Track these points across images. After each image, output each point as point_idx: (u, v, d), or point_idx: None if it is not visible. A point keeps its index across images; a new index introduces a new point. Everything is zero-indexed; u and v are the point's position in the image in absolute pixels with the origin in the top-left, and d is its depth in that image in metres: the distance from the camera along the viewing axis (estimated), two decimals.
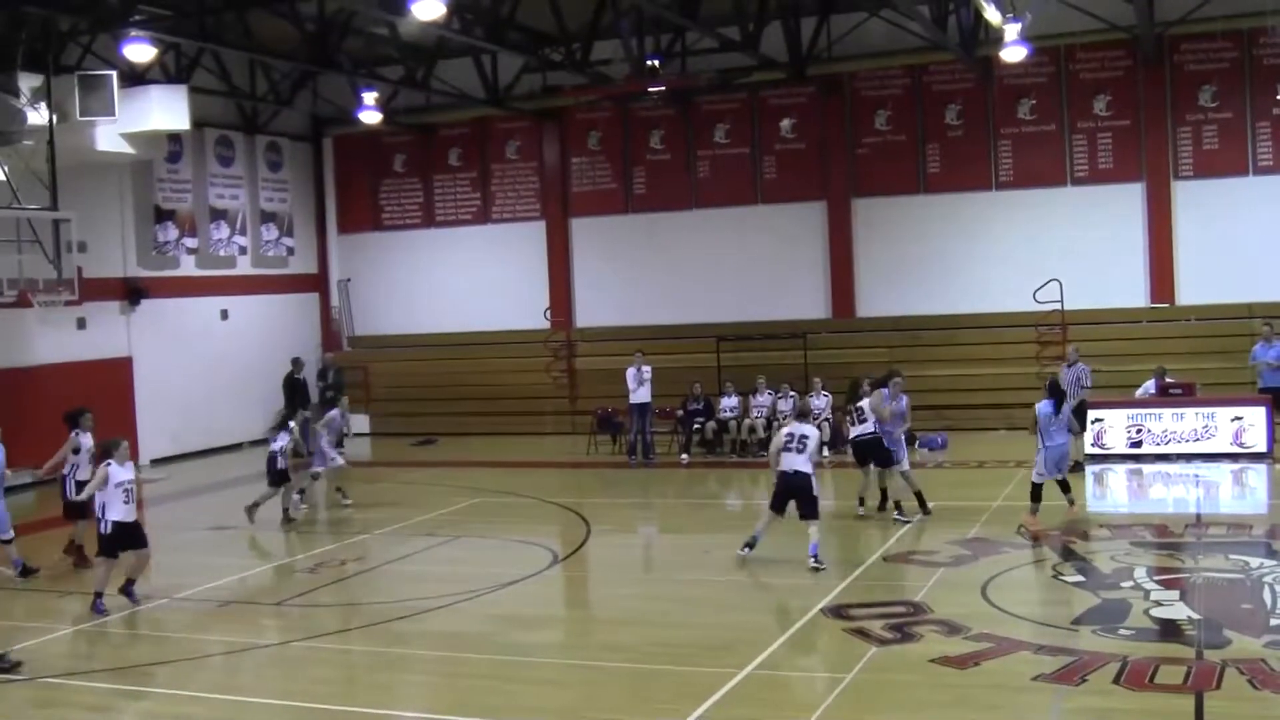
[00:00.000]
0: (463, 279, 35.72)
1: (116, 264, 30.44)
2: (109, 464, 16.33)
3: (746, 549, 17.78)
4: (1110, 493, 23.01)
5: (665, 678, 12.75)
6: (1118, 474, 23.90)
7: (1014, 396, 28.82)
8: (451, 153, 36.16)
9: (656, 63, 28.57)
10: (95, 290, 28.18)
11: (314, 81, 34.22)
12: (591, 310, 34.68)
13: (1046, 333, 29.59)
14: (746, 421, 28.50)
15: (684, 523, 22.32)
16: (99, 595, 16.23)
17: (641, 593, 17.41)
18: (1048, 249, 30.10)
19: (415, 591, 16.98)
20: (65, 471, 18.97)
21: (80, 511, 18.66)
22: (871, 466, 20.51)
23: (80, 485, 18.67)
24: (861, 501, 20.61)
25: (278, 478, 21.92)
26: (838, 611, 14.75)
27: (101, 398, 28.53)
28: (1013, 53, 25.70)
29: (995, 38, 26.09)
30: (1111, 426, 25.01)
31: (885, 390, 20.43)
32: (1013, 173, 30.93)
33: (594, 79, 29.96)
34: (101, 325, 29.81)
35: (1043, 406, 19.30)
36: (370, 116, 31.53)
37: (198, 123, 29.57)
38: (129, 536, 16.43)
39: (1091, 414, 25.21)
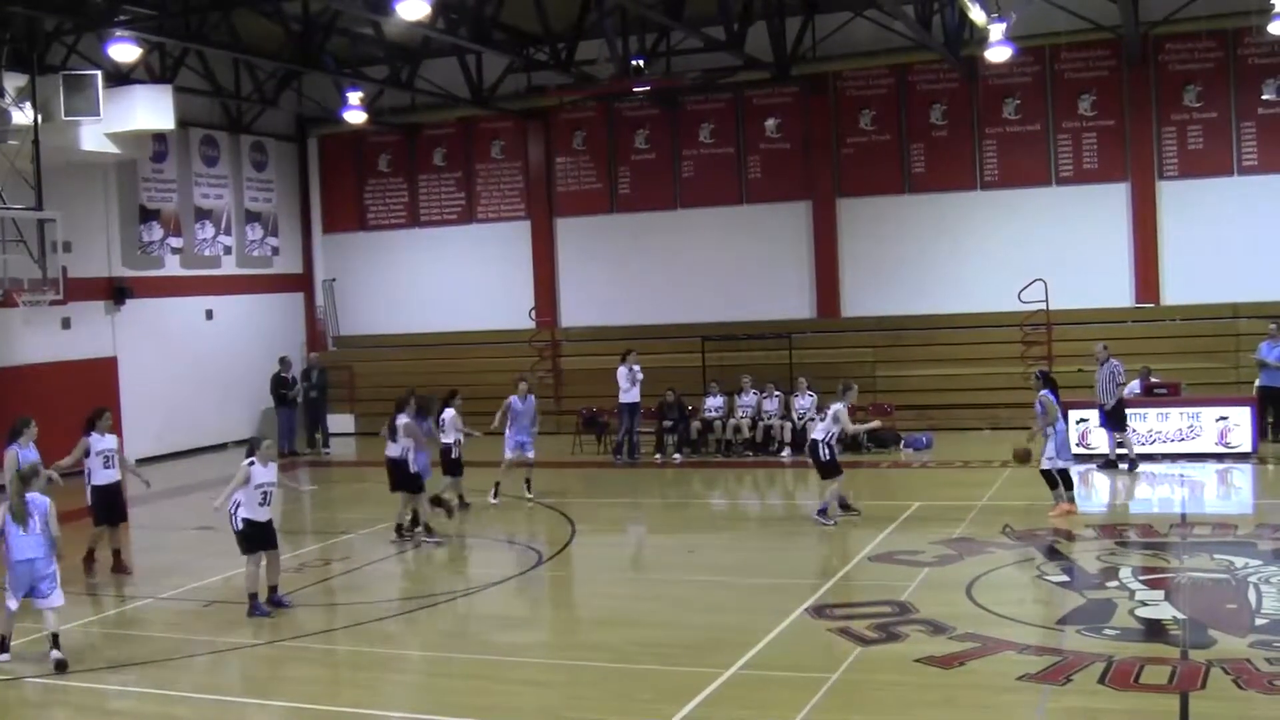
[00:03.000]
0: (448, 279, 35.72)
1: (101, 264, 30.36)
2: (252, 462, 15.90)
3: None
4: (1095, 492, 23.02)
5: (650, 678, 12.73)
6: (1103, 474, 23.91)
7: (999, 396, 28.98)
8: (436, 152, 36.13)
9: (641, 63, 28.59)
10: (80, 290, 28.12)
11: (299, 81, 34.17)
12: (576, 310, 34.68)
13: (1031, 333, 29.63)
14: (731, 421, 28.50)
15: (669, 523, 22.30)
16: (254, 597, 15.92)
17: (626, 593, 17.41)
18: (1032, 249, 30.14)
19: (400, 591, 16.96)
20: (84, 475, 18.46)
21: (110, 516, 18.50)
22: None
23: (95, 491, 18.43)
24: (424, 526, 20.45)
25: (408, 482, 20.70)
26: (822, 612, 14.75)
27: (86, 397, 28.47)
28: (997, 52, 25.73)
29: (980, 37, 26.14)
30: (1096, 426, 25.01)
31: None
32: (998, 173, 30.99)
33: (579, 79, 29.96)
34: (86, 325, 29.73)
35: (1048, 394, 19.90)
36: (355, 116, 31.48)
37: (182, 122, 29.54)
38: (262, 536, 16.08)
39: (1075, 414, 25.24)
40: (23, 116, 24.10)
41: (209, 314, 33.65)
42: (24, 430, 17.77)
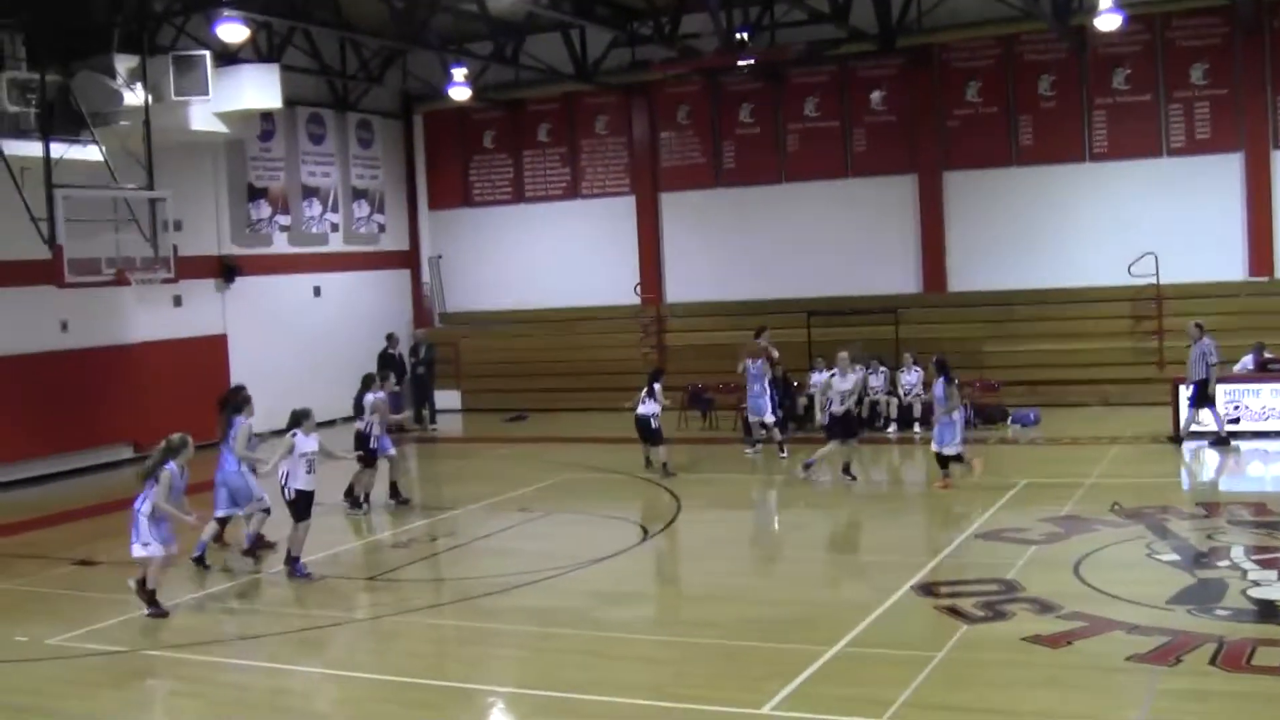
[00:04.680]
0: (553, 254, 35.80)
1: (211, 242, 30.73)
2: (295, 433, 16.77)
3: None
4: (1205, 469, 22.67)
5: (755, 655, 12.74)
6: (1214, 450, 23.51)
7: (1108, 372, 28.59)
8: (541, 128, 36.19)
9: (745, 36, 28.45)
10: (190, 268, 28.41)
11: (404, 59, 34.38)
12: (682, 285, 34.63)
13: (1141, 307, 29.21)
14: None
15: (775, 499, 22.24)
16: (296, 560, 16.69)
17: (732, 569, 17.41)
18: (1143, 221, 29.67)
19: (506, 567, 17.04)
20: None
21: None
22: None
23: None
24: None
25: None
26: (928, 589, 14.67)
27: (197, 374, 29.10)
28: (1107, 21, 25.40)
29: (1089, 6, 25.82)
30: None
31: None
32: (1107, 144, 30.49)
33: (682, 53, 29.90)
34: (197, 303, 30.11)
35: (941, 386, 20.73)
36: (460, 93, 31.66)
37: (289, 101, 29.76)
38: (308, 504, 16.81)
39: (1187, 390, 24.86)
40: (134, 98, 24.43)
41: (317, 291, 33.98)
42: (245, 405, 18.43)
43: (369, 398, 21.29)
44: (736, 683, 11.94)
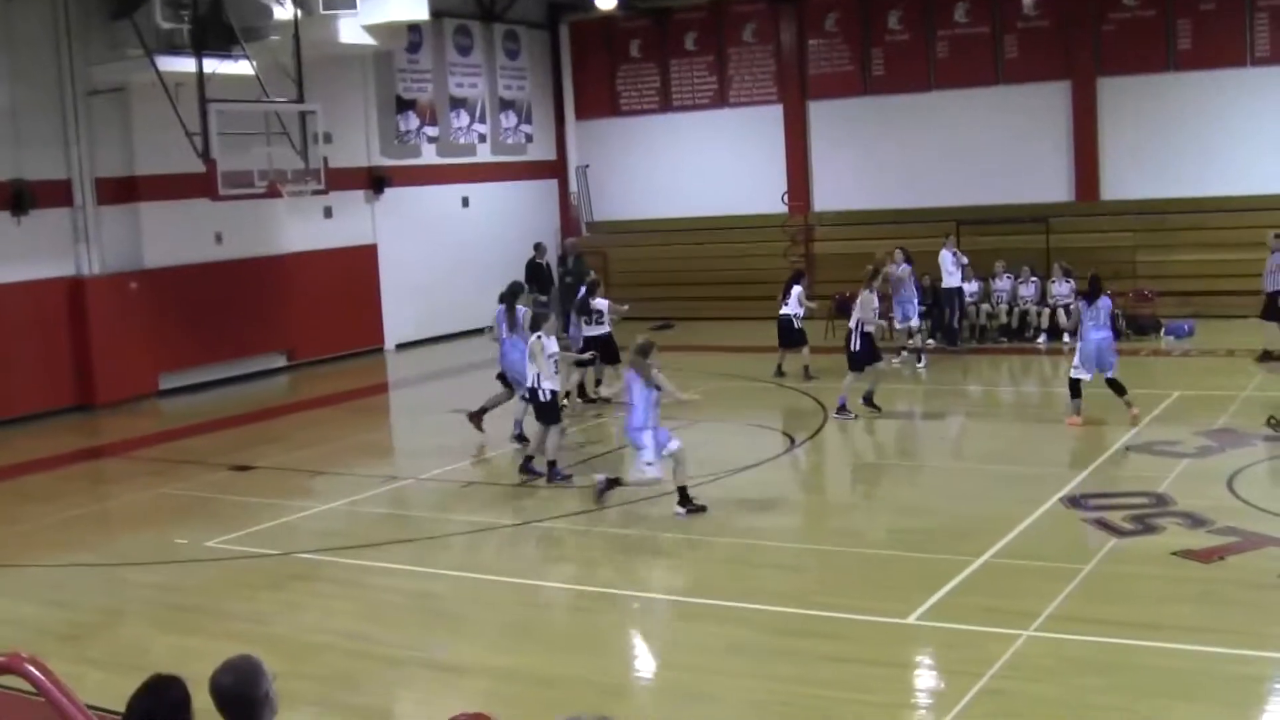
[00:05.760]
0: (700, 163, 35.64)
1: (360, 154, 31.05)
2: (540, 336, 16.89)
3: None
4: None
5: (900, 564, 12.75)
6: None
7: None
8: (687, 37, 35.97)
9: None
10: (340, 180, 28.69)
11: None
12: (829, 194, 34.33)
13: None
14: (985, 307, 28.07)
15: (922, 410, 22.08)
16: (554, 464, 16.89)
17: (878, 479, 17.40)
18: None
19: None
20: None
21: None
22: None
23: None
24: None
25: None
26: (1077, 501, 14.53)
27: (348, 284, 29.58)
28: None
29: None
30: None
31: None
32: (1270, 48, 29.56)
33: None
34: (347, 214, 30.47)
35: (1083, 302, 19.21)
36: (606, 2, 31.55)
37: (436, 13, 29.79)
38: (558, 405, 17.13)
39: None
40: (284, 12, 24.69)
41: (465, 201, 34.22)
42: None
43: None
44: (882, 592, 11.96)
